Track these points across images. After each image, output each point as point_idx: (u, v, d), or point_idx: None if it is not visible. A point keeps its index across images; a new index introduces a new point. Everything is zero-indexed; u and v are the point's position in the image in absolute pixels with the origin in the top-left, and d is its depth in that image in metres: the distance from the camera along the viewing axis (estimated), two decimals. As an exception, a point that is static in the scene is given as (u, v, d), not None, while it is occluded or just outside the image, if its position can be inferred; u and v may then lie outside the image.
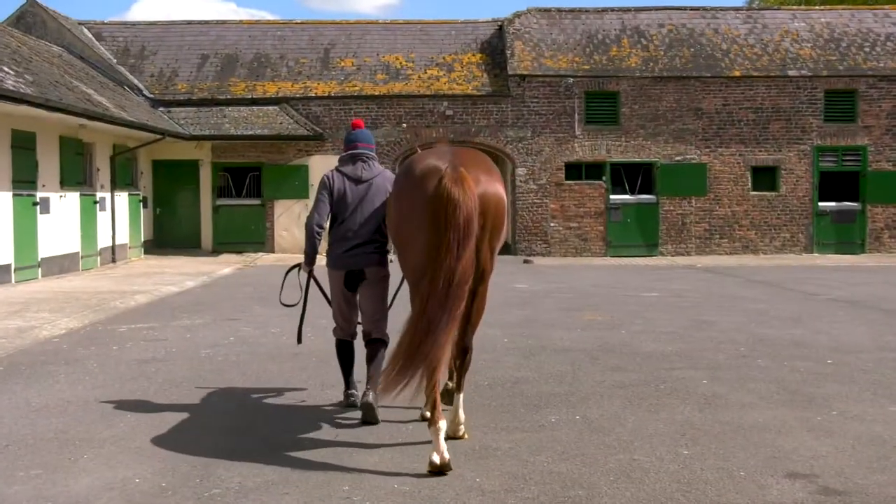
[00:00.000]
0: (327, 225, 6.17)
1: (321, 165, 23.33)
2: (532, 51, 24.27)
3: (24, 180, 15.61)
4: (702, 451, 5.23)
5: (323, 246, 6.03)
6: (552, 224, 23.78)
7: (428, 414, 5.03)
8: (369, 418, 5.81)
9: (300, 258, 7.54)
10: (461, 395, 5.53)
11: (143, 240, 22.20)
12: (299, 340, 6.70)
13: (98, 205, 18.99)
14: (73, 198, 17.68)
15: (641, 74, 23.76)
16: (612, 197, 23.86)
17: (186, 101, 23.71)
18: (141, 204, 22.12)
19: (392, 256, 6.07)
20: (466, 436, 5.51)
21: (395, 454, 5.14)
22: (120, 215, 20.37)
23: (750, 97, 23.84)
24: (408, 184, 5.27)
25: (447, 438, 5.10)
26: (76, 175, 17.97)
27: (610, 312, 11.90)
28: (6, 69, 14.88)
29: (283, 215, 23.65)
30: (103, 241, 19.29)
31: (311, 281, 6.32)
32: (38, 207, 16.01)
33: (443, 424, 4.86)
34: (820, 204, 23.98)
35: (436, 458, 4.76)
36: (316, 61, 24.93)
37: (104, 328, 10.51)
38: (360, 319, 6.26)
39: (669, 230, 23.93)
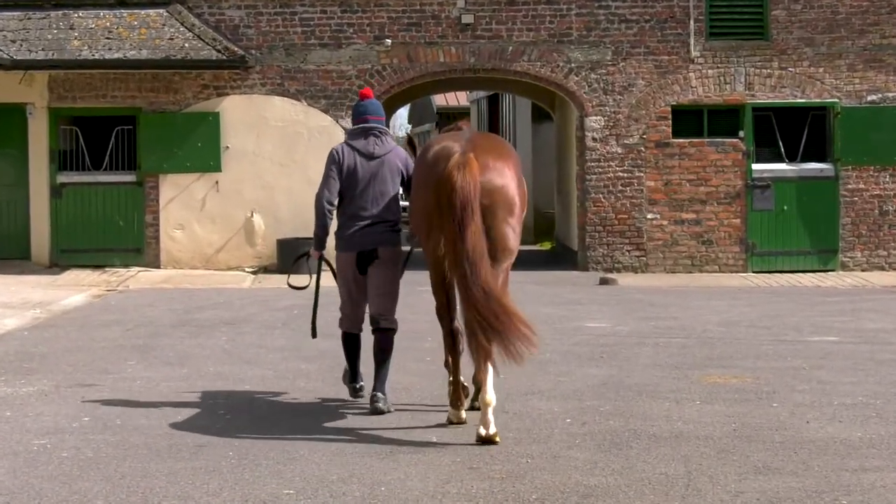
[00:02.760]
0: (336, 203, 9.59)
1: (243, 112, 23.34)
2: None
3: None
4: None
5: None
6: (650, 216, 23.74)
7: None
8: (380, 413, 9.39)
9: (202, 275, 10.43)
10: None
11: (-71, 245, 22.30)
12: (314, 335, 10.17)
13: None
14: None
15: (807, -50, 23.81)
16: (756, 166, 23.83)
17: (4, 2, 23.81)
18: (-74, 182, 22.27)
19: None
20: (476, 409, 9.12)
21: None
22: None
23: None
24: (421, 169, 9.17)
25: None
26: None
27: (752, 371, 11.92)
28: None
29: (177, 201, 23.67)
30: None
31: (320, 269, 9.86)
32: None
33: (465, 405, 9.22)
34: None
35: (453, 419, 9.11)
36: (232, -70, 25.06)
37: None
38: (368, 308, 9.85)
39: (858, 225, 23.86)
